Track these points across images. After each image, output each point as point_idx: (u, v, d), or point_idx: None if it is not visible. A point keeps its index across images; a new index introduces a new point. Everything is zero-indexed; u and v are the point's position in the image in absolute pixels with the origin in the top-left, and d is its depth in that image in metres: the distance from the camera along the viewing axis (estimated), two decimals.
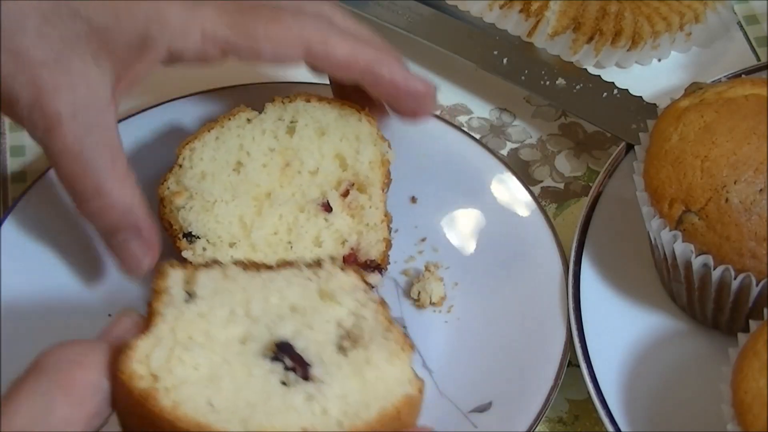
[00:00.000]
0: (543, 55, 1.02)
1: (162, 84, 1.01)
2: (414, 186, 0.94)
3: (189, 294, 0.68)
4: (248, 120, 0.87)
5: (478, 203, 0.92)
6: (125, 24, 0.78)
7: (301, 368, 0.65)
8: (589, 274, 0.86)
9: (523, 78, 1.00)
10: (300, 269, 0.71)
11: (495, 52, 1.02)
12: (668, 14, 1.04)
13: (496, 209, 0.92)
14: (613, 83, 0.99)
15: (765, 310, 0.75)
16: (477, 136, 0.98)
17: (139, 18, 0.78)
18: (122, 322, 0.67)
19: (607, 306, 0.85)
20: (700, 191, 0.78)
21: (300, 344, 0.66)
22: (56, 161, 0.78)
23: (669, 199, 0.79)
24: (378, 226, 0.85)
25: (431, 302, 0.88)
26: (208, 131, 0.87)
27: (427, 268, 0.90)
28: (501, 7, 1.04)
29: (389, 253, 0.85)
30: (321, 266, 0.71)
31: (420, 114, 0.87)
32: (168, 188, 0.85)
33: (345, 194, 0.85)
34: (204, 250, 0.83)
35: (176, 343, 0.64)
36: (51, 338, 0.84)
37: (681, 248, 0.78)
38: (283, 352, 0.65)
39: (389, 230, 0.86)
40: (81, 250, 0.89)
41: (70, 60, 0.76)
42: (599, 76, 1.00)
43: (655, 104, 0.96)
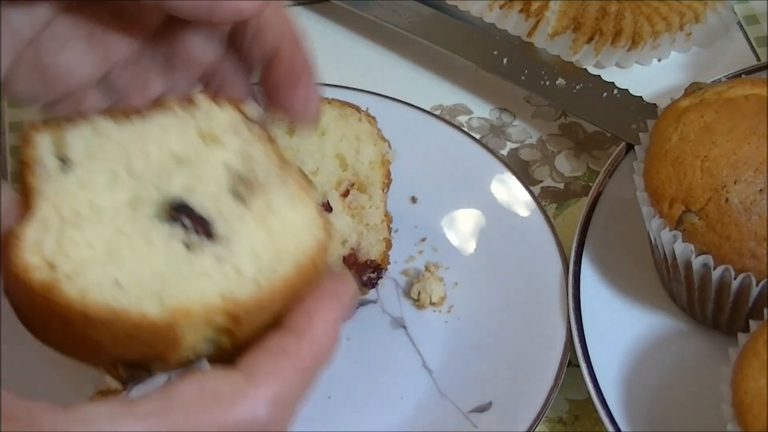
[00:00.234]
0: (543, 55, 1.02)
1: None
2: (414, 186, 0.94)
3: (62, 160, 0.61)
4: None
5: (478, 203, 0.92)
6: None
7: (203, 227, 0.59)
8: (589, 274, 0.86)
9: (523, 78, 1.00)
10: (173, 110, 0.64)
11: (495, 52, 1.02)
12: (668, 14, 1.04)
13: (496, 209, 0.92)
14: (613, 83, 0.99)
15: (765, 310, 0.75)
16: (477, 136, 0.98)
17: None
18: None
19: (607, 306, 0.85)
20: (700, 191, 0.78)
21: (194, 199, 0.60)
22: None
23: (669, 199, 0.79)
24: (378, 226, 0.85)
25: (431, 302, 0.88)
26: None
27: (427, 268, 0.90)
28: (501, 7, 1.04)
29: (389, 253, 0.85)
30: (194, 103, 0.64)
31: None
32: None
33: (345, 194, 0.85)
34: None
35: (64, 223, 0.58)
36: None
37: (681, 248, 0.78)
38: (181, 213, 0.59)
39: (389, 230, 0.86)
40: None
41: None
42: (599, 76, 1.00)
43: (655, 104, 0.96)
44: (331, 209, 0.84)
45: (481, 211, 0.92)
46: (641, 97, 0.98)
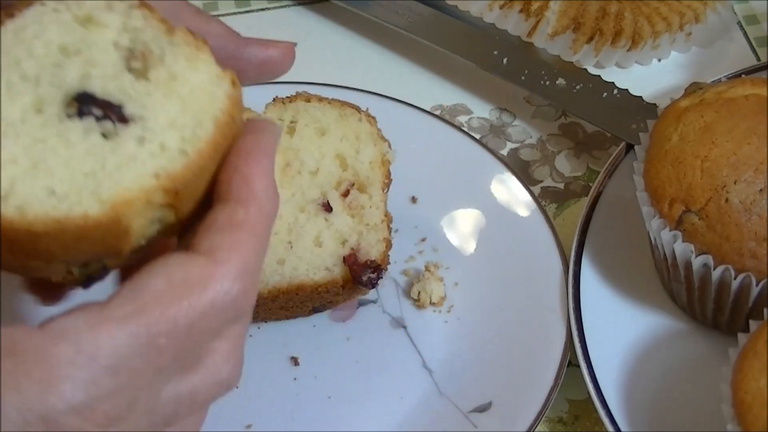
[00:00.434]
0: (543, 55, 1.02)
1: None
2: (414, 186, 0.94)
3: None
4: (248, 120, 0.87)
5: (478, 203, 0.92)
6: None
7: (114, 112, 0.58)
8: (589, 274, 0.86)
9: (523, 78, 1.00)
10: (41, 3, 0.60)
11: (495, 52, 1.02)
12: (668, 14, 1.04)
13: (496, 209, 0.92)
14: (613, 83, 0.99)
15: (765, 310, 0.75)
16: (477, 136, 0.98)
17: None
18: None
19: (607, 306, 0.85)
20: (700, 191, 0.78)
21: (95, 86, 0.58)
22: None
23: (669, 199, 0.79)
24: (378, 226, 0.85)
25: (431, 302, 0.88)
26: None
27: (427, 268, 0.90)
28: (501, 7, 1.04)
29: (389, 253, 0.85)
30: None
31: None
32: None
33: (345, 194, 0.85)
34: None
35: None
36: None
37: (681, 248, 0.78)
38: (87, 104, 0.58)
39: (389, 230, 0.86)
40: None
41: None
42: (599, 76, 1.00)
43: (655, 104, 0.96)
44: (331, 209, 0.84)
45: (481, 211, 0.92)
46: (641, 97, 0.98)
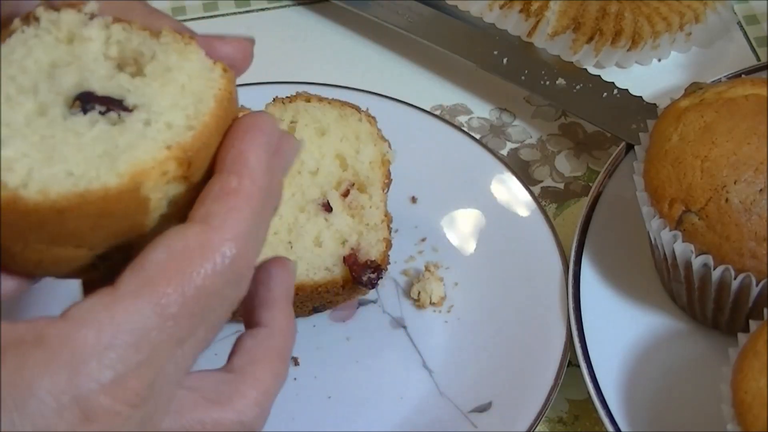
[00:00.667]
0: (543, 55, 1.02)
1: None
2: (414, 186, 0.94)
3: None
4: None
5: (478, 203, 0.92)
6: None
7: (116, 105, 0.59)
8: (589, 274, 0.86)
9: (523, 78, 1.00)
10: (21, 30, 0.62)
11: (495, 52, 1.02)
12: (668, 14, 1.04)
13: (496, 209, 0.92)
14: (613, 83, 0.99)
15: (765, 310, 0.75)
16: (477, 136, 0.98)
17: None
18: None
19: (607, 306, 0.85)
20: (700, 191, 0.78)
21: (94, 86, 0.60)
22: None
23: (669, 199, 0.79)
24: (378, 226, 0.85)
25: (431, 302, 0.88)
26: None
27: (427, 268, 0.90)
28: (501, 7, 1.04)
29: (389, 253, 0.85)
30: (37, 18, 0.62)
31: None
32: None
33: (345, 194, 0.85)
34: None
35: None
36: None
37: (681, 248, 0.78)
38: (89, 101, 0.59)
39: (389, 230, 0.86)
40: None
41: None
42: (599, 76, 1.00)
43: (655, 104, 0.96)
44: (331, 209, 0.84)
45: (481, 211, 0.92)
46: (641, 97, 0.98)
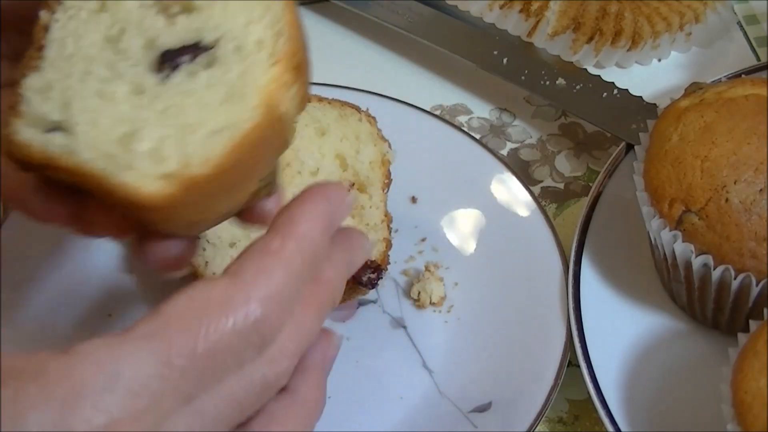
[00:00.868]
0: (543, 55, 1.02)
1: None
2: (414, 186, 0.94)
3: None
4: None
5: (478, 203, 0.92)
6: None
7: (199, 49, 0.58)
8: (589, 274, 0.86)
9: (523, 78, 1.00)
10: (51, 21, 0.61)
11: (495, 52, 1.02)
12: (668, 14, 1.04)
13: (496, 209, 0.92)
14: (613, 83, 0.99)
15: (765, 310, 0.75)
16: (477, 136, 0.98)
17: None
18: None
19: (607, 306, 0.85)
20: (700, 191, 0.78)
21: (164, 43, 0.59)
22: None
23: (669, 199, 0.79)
24: (378, 226, 0.85)
25: (431, 302, 0.88)
26: None
27: (427, 268, 0.90)
28: (501, 7, 1.04)
29: (389, 253, 0.85)
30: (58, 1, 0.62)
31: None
32: None
33: None
34: (204, 250, 0.83)
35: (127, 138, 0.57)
36: (51, 338, 0.85)
37: (681, 248, 0.78)
38: (172, 58, 0.59)
39: (389, 230, 0.86)
40: (81, 251, 0.89)
41: None
42: (599, 76, 1.00)
43: (655, 104, 0.96)
44: None
45: (481, 211, 0.92)
46: (641, 97, 0.98)
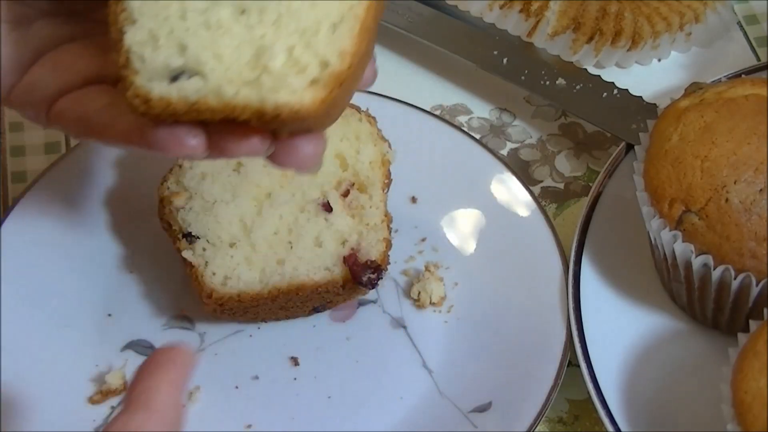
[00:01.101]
0: (543, 55, 1.02)
1: None
2: (414, 186, 0.94)
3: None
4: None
5: (478, 203, 0.92)
6: None
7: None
8: (589, 274, 0.86)
9: (523, 78, 1.00)
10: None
11: (495, 52, 1.02)
12: (668, 14, 1.04)
13: (496, 209, 0.92)
14: (613, 83, 0.99)
15: (765, 310, 0.75)
16: (477, 136, 0.98)
17: None
18: None
19: (607, 306, 0.85)
20: (700, 191, 0.78)
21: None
22: None
23: (669, 199, 0.79)
24: (378, 226, 0.85)
25: (431, 302, 0.88)
26: None
27: (427, 268, 0.90)
28: (501, 7, 1.04)
29: (389, 253, 0.85)
30: None
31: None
32: (168, 188, 0.86)
33: (345, 194, 0.85)
34: (204, 251, 0.83)
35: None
36: (51, 338, 0.85)
37: (681, 248, 0.78)
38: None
39: (389, 230, 0.86)
40: (81, 250, 0.89)
41: None
42: (599, 76, 1.00)
43: (655, 104, 0.96)
44: (331, 209, 0.84)
45: (481, 211, 0.92)
46: (641, 97, 0.98)
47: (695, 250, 0.78)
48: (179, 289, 0.88)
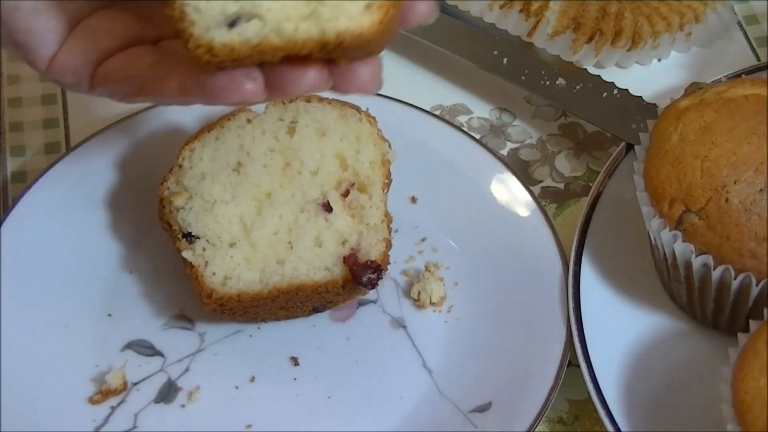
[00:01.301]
0: (543, 55, 1.02)
1: None
2: (414, 186, 0.94)
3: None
4: (248, 120, 0.87)
5: (478, 203, 0.92)
6: None
7: None
8: (589, 274, 0.86)
9: (523, 78, 1.00)
10: None
11: (495, 52, 1.02)
12: (668, 14, 1.04)
13: (496, 209, 0.92)
14: (613, 83, 0.99)
15: (765, 310, 0.75)
16: (477, 136, 0.98)
17: None
18: None
19: (607, 306, 0.85)
20: (700, 191, 0.78)
21: None
22: None
23: (669, 199, 0.79)
24: (378, 226, 0.85)
25: (431, 302, 0.88)
26: (208, 132, 0.87)
27: (427, 268, 0.90)
28: (501, 7, 1.04)
29: (389, 253, 0.85)
30: None
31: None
32: (168, 189, 0.85)
33: (345, 194, 0.85)
34: (204, 251, 0.83)
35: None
36: (51, 338, 0.85)
37: (681, 248, 0.78)
38: None
39: (389, 230, 0.86)
40: (81, 250, 0.89)
41: None
42: (599, 76, 1.00)
43: (655, 104, 0.96)
44: (331, 209, 0.84)
45: (481, 211, 0.92)
46: (641, 97, 0.98)
47: (695, 250, 0.78)
48: (179, 289, 0.88)
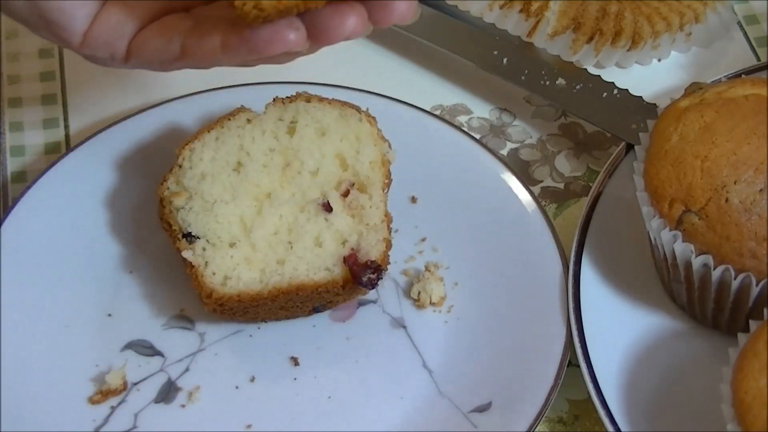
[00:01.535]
0: (543, 55, 1.02)
1: (162, 84, 1.01)
2: (414, 186, 0.94)
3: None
4: (248, 120, 0.87)
5: (478, 203, 0.92)
6: None
7: None
8: (589, 274, 0.86)
9: (523, 78, 1.00)
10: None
11: (495, 52, 1.02)
12: (668, 14, 1.04)
13: (496, 209, 0.92)
14: (613, 83, 0.99)
15: (765, 310, 0.75)
16: (477, 136, 0.98)
17: None
18: None
19: (607, 306, 0.85)
20: (700, 191, 0.78)
21: None
22: None
23: (669, 199, 0.79)
24: (378, 226, 0.85)
25: (431, 302, 0.88)
26: (208, 132, 0.87)
27: (427, 268, 0.90)
28: (501, 7, 1.04)
29: (389, 253, 0.85)
30: None
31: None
32: (167, 189, 0.85)
33: (345, 194, 0.85)
34: (204, 251, 0.83)
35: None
36: (51, 338, 0.85)
37: (681, 248, 0.78)
38: None
39: (389, 230, 0.86)
40: (81, 250, 0.89)
41: None
42: (599, 76, 1.00)
43: (655, 104, 0.96)
44: (332, 209, 0.84)
45: (481, 211, 0.92)
46: (641, 97, 0.98)
47: (695, 250, 0.78)
48: (179, 289, 0.88)
